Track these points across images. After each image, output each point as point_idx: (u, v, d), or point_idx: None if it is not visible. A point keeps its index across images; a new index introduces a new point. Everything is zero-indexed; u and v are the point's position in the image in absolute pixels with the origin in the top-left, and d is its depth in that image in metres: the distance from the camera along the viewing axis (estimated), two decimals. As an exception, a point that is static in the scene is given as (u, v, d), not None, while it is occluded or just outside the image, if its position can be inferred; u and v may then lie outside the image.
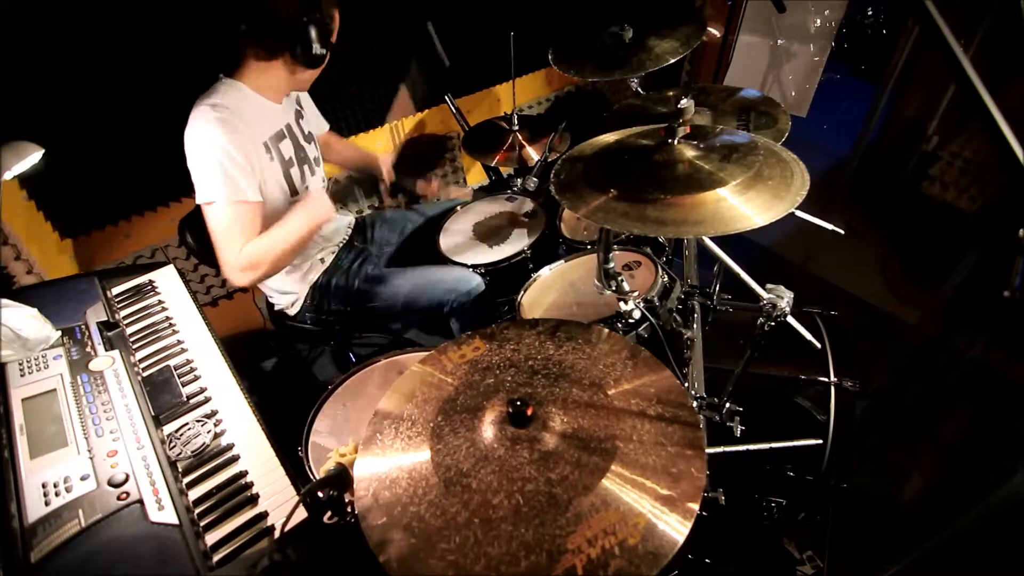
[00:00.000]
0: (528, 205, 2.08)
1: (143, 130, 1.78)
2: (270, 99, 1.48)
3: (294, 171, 1.55)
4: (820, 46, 2.71)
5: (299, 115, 1.63)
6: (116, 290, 1.49)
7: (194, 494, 1.01)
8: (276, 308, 1.74)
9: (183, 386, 1.21)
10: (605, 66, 1.81)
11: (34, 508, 0.95)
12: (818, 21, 2.68)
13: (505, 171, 2.63)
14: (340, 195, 1.57)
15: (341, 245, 1.81)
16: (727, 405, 1.24)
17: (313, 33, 1.34)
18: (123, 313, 1.42)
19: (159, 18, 1.65)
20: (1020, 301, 0.67)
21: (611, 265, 1.19)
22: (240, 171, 1.37)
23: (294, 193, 1.57)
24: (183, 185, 1.95)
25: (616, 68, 1.78)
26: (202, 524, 0.96)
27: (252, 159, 1.41)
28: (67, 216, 1.82)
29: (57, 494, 0.97)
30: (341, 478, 0.91)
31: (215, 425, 1.13)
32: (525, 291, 1.67)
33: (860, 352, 1.52)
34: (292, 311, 1.73)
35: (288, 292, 1.70)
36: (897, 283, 2.41)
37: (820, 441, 1.41)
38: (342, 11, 1.43)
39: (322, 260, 1.74)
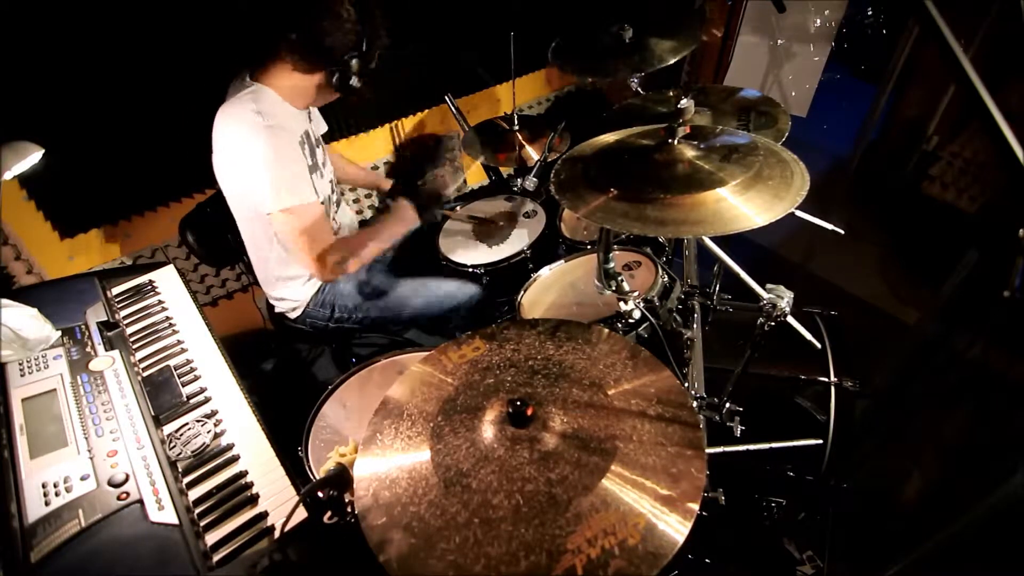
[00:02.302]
0: (528, 205, 2.08)
1: (143, 130, 1.78)
2: (294, 105, 1.47)
3: (315, 176, 1.55)
4: (820, 46, 2.72)
5: (309, 118, 1.63)
6: (116, 290, 1.49)
7: (194, 494, 1.01)
8: (277, 311, 1.74)
9: (183, 386, 1.21)
10: (605, 65, 1.81)
11: (34, 508, 0.95)
12: (818, 21, 2.68)
13: (505, 171, 2.63)
14: (425, 215, 1.69)
15: None
16: (727, 405, 1.24)
17: (356, 67, 1.36)
18: (123, 313, 1.42)
19: (160, 17, 1.65)
20: (1020, 301, 0.67)
21: (611, 265, 1.19)
22: (303, 174, 1.42)
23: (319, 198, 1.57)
24: (183, 185, 1.98)
25: (616, 68, 1.78)
26: (202, 524, 0.96)
27: (303, 162, 1.45)
28: (67, 216, 1.82)
29: (57, 494, 0.97)
30: (341, 478, 0.91)
31: (215, 425, 1.13)
32: (525, 291, 1.67)
33: (860, 352, 1.52)
34: (293, 315, 1.72)
35: (289, 298, 1.69)
36: (897, 283, 2.41)
37: (820, 441, 1.41)
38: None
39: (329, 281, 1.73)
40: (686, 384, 1.29)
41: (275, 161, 1.36)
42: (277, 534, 0.93)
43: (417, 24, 2.27)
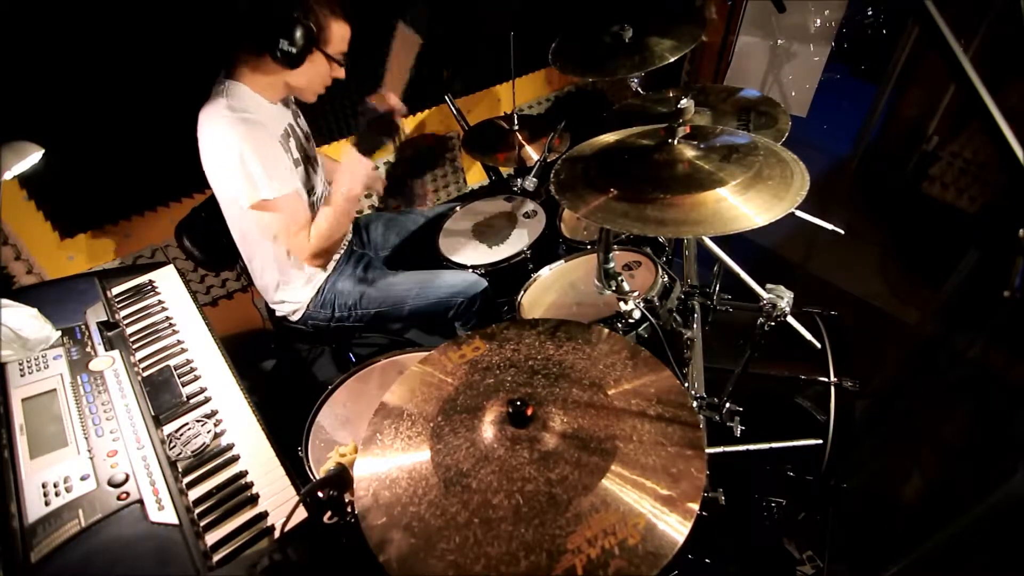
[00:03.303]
0: (528, 205, 2.08)
1: (143, 130, 1.78)
2: (268, 99, 1.48)
3: (301, 170, 1.55)
4: (820, 46, 2.71)
5: (296, 114, 1.63)
6: (116, 290, 1.49)
7: (194, 494, 1.01)
8: (278, 314, 1.74)
9: (183, 386, 1.21)
10: (605, 66, 1.80)
11: (34, 508, 0.95)
12: (818, 21, 2.68)
13: (505, 171, 2.63)
14: (366, 147, 1.58)
15: (343, 250, 1.81)
16: (727, 405, 1.24)
17: (292, 31, 1.31)
18: (123, 313, 1.42)
19: (158, 17, 1.65)
20: (1020, 301, 0.67)
21: (611, 265, 1.19)
22: (279, 165, 1.42)
23: (308, 192, 1.56)
24: (183, 185, 1.98)
25: (616, 68, 1.78)
26: (202, 524, 0.96)
27: (280, 155, 1.45)
28: (67, 216, 1.82)
29: (57, 494, 0.97)
30: (341, 478, 0.91)
31: (215, 425, 1.13)
32: (525, 291, 1.67)
33: (860, 352, 1.52)
34: (294, 317, 1.72)
35: (289, 301, 1.69)
36: (897, 283, 2.41)
37: (820, 441, 1.41)
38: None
39: (324, 266, 1.73)
40: (686, 384, 1.29)
41: (251, 154, 1.36)
42: (277, 534, 0.93)
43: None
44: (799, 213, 1.07)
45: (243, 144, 1.35)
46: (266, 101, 1.47)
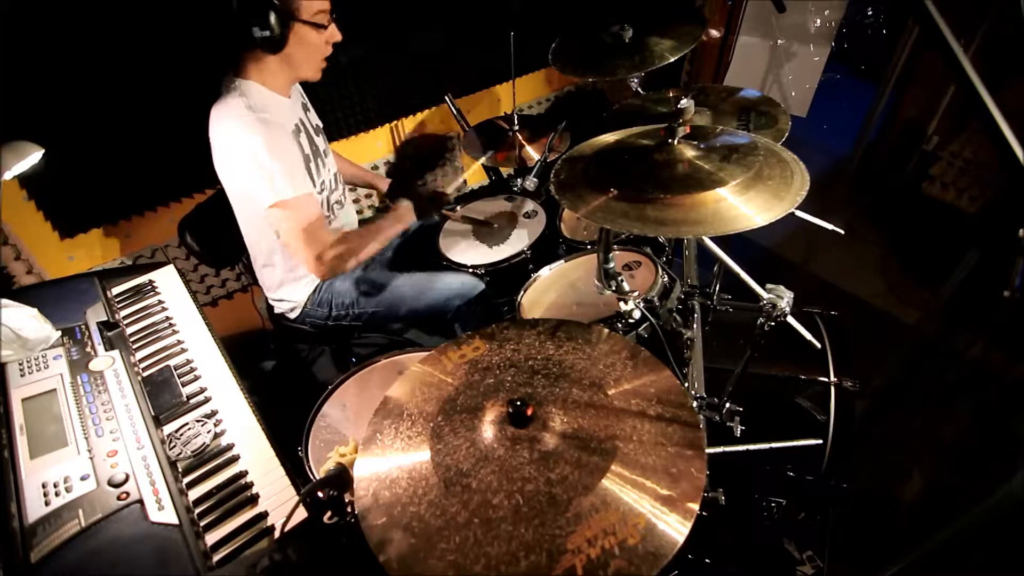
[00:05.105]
0: (528, 205, 2.08)
1: (143, 130, 1.78)
2: (279, 93, 1.48)
3: (312, 166, 1.54)
4: (820, 46, 2.72)
5: (306, 108, 1.63)
6: (116, 290, 1.49)
7: (194, 494, 1.01)
8: (276, 311, 1.74)
9: (183, 386, 1.21)
10: (605, 66, 1.80)
11: (34, 508, 0.95)
12: (818, 21, 2.68)
13: (505, 171, 2.63)
14: (420, 211, 1.73)
15: None
16: (727, 405, 1.24)
17: (258, 15, 1.29)
18: (123, 313, 1.42)
19: (159, 17, 1.65)
20: (1020, 301, 0.68)
21: (611, 265, 1.19)
22: (295, 165, 1.42)
23: (319, 187, 1.56)
24: (183, 185, 1.98)
25: (616, 67, 1.78)
26: (202, 524, 0.96)
27: (296, 153, 1.45)
28: (67, 216, 1.82)
29: (57, 494, 0.97)
30: (341, 478, 0.91)
31: (215, 425, 1.13)
32: (525, 291, 1.67)
33: (860, 352, 1.52)
34: (292, 315, 1.72)
35: (288, 299, 1.69)
36: (897, 283, 2.41)
37: (820, 441, 1.41)
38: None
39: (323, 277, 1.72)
40: (686, 384, 1.29)
41: (270, 154, 1.36)
42: (277, 534, 0.93)
43: (417, 24, 2.27)
44: (799, 213, 1.07)
45: (263, 145, 1.35)
46: (279, 96, 1.47)
